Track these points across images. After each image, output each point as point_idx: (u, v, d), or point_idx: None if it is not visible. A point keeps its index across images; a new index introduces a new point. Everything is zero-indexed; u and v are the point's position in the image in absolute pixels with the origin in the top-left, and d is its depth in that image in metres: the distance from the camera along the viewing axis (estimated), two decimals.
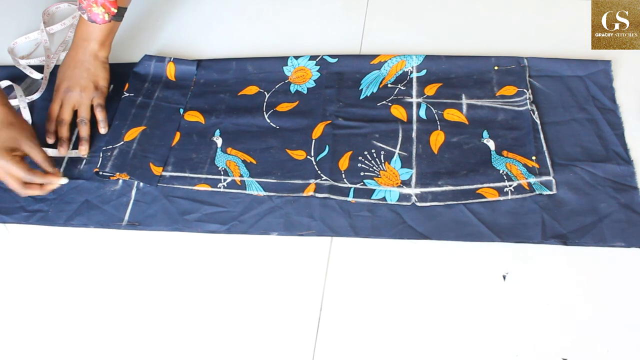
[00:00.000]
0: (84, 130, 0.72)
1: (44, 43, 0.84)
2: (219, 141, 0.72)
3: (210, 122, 0.73)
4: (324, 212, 0.64)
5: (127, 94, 0.76)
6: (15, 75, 0.81)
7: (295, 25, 0.83)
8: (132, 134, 0.72)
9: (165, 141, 0.72)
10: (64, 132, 0.72)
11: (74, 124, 0.73)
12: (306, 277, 0.61)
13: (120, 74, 0.78)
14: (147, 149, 0.71)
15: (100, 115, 0.73)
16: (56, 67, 0.81)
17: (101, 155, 0.70)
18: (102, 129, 0.73)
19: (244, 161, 0.69)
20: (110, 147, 0.71)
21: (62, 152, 0.71)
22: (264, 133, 0.72)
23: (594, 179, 0.63)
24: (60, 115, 0.72)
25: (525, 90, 0.70)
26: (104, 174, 0.69)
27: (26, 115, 0.76)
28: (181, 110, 0.75)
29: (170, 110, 0.75)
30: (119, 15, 0.72)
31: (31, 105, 0.77)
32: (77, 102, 0.72)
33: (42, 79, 0.80)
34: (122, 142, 0.71)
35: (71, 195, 0.69)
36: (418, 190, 0.65)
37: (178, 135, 0.73)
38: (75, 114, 0.73)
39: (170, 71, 0.78)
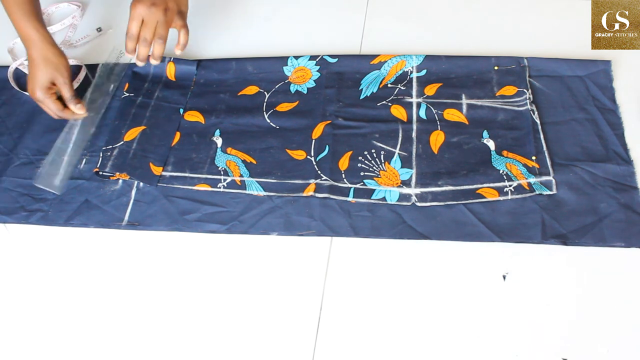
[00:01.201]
0: (158, 49, 0.70)
1: None
2: (219, 141, 0.72)
3: (210, 122, 0.73)
4: (324, 212, 0.64)
5: (127, 94, 0.76)
6: (16, 75, 0.81)
7: (295, 25, 0.83)
8: (132, 134, 0.72)
9: (165, 141, 0.72)
10: (143, 51, 0.69)
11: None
12: (306, 277, 0.61)
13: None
14: (147, 149, 0.71)
15: (184, 38, 0.72)
16: None
17: (101, 155, 0.70)
18: (178, 51, 0.73)
19: (244, 161, 0.69)
20: (110, 147, 0.71)
21: (140, 63, 0.70)
22: (264, 133, 0.72)
23: (594, 179, 0.63)
24: (143, 32, 0.68)
25: (525, 90, 0.70)
26: (104, 173, 0.69)
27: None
28: (181, 110, 0.75)
29: (170, 110, 0.75)
30: None
31: None
32: (160, 20, 0.68)
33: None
34: (122, 142, 0.71)
35: (71, 195, 0.69)
36: (418, 190, 0.65)
37: (178, 135, 0.73)
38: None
39: (170, 71, 0.78)
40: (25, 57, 0.82)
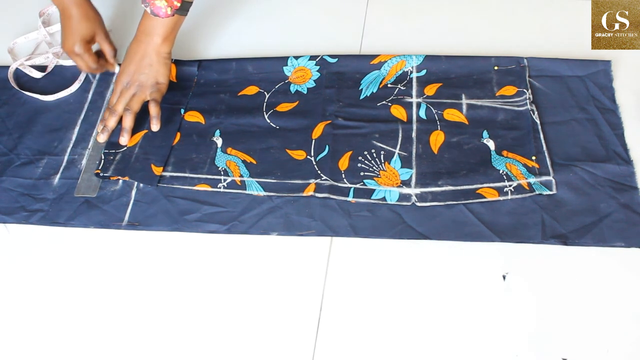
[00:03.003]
0: (127, 121, 0.70)
1: (45, 38, 0.84)
2: (219, 141, 0.72)
3: (210, 122, 0.73)
4: (324, 212, 0.64)
5: None
6: (15, 75, 0.81)
7: (295, 25, 0.83)
8: (135, 139, 0.72)
9: (167, 141, 0.72)
10: (111, 122, 0.71)
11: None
12: (306, 277, 0.61)
13: None
14: (149, 150, 0.71)
15: (153, 110, 0.71)
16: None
17: (103, 158, 0.70)
18: (154, 126, 0.71)
19: (244, 161, 0.69)
20: (113, 151, 0.71)
21: (101, 139, 0.71)
22: (264, 133, 0.72)
23: (594, 179, 0.63)
24: (114, 105, 0.71)
25: (525, 90, 0.70)
26: (104, 175, 0.69)
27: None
28: (182, 111, 0.75)
29: (171, 110, 0.75)
30: (183, 9, 0.69)
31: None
32: (134, 95, 0.71)
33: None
34: (125, 147, 0.71)
35: (71, 195, 0.69)
36: (418, 190, 0.65)
37: (178, 135, 0.73)
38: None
39: (172, 72, 0.78)
40: (26, 57, 0.83)
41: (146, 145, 0.71)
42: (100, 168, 0.69)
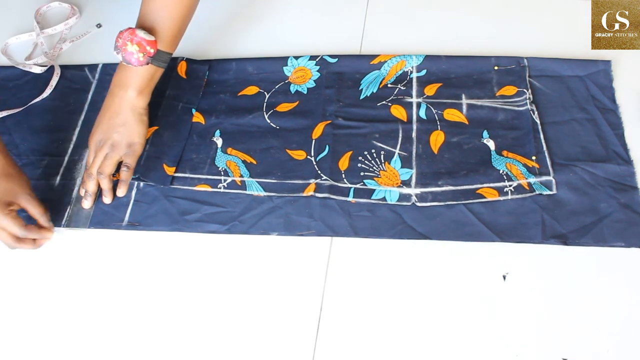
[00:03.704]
0: (103, 184, 0.66)
1: (41, 46, 0.84)
2: (219, 141, 0.72)
3: (210, 123, 0.73)
4: (324, 212, 0.64)
5: None
6: (15, 75, 0.81)
7: (295, 25, 0.83)
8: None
9: (179, 142, 0.72)
10: (90, 186, 0.66)
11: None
12: (306, 277, 0.61)
13: None
14: (161, 150, 0.71)
15: (124, 175, 0.66)
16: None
17: None
18: (120, 191, 0.67)
19: (244, 161, 0.69)
20: None
21: (86, 205, 0.67)
22: (264, 133, 0.72)
23: (594, 179, 0.63)
24: (89, 168, 0.67)
25: (525, 90, 0.70)
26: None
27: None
28: (193, 110, 0.74)
29: (182, 110, 0.74)
30: (159, 60, 0.65)
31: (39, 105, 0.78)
32: (107, 157, 0.66)
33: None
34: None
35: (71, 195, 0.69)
36: (418, 190, 0.65)
37: None
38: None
39: (182, 68, 0.78)
40: (26, 59, 0.83)
41: (158, 143, 0.71)
42: None
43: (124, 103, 0.66)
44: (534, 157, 0.65)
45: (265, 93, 0.75)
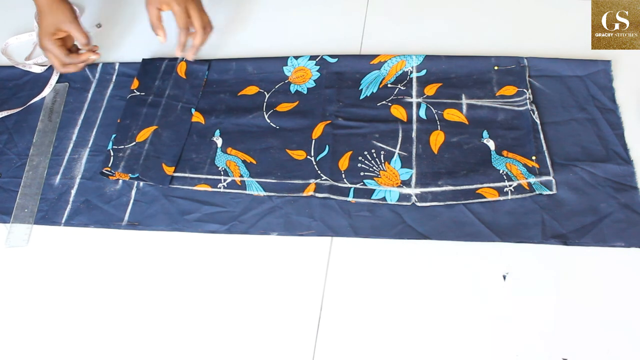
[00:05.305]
0: (182, 36, 0.72)
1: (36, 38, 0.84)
2: (219, 141, 0.72)
3: (210, 122, 0.73)
4: (324, 212, 0.64)
5: (137, 92, 0.75)
6: (15, 74, 0.81)
7: (295, 25, 0.83)
8: (144, 134, 0.72)
9: (178, 141, 0.72)
10: (182, 38, 0.72)
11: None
12: (306, 277, 0.61)
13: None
14: (160, 149, 0.71)
15: (197, 22, 0.71)
16: None
17: (112, 155, 0.70)
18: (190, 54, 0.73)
19: (244, 161, 0.69)
20: (122, 147, 0.71)
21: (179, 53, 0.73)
22: (264, 133, 0.72)
23: (594, 179, 0.63)
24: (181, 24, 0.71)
25: (525, 90, 0.70)
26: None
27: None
28: (192, 110, 0.74)
29: (181, 110, 0.74)
30: None
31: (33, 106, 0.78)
32: (175, 8, 0.70)
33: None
34: (134, 143, 0.71)
35: (71, 194, 0.69)
36: (418, 190, 0.65)
37: None
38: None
39: (181, 69, 0.78)
40: (26, 58, 0.83)
41: (157, 143, 0.71)
42: (110, 165, 0.69)
43: None
44: (534, 157, 0.65)
45: (265, 93, 0.75)
